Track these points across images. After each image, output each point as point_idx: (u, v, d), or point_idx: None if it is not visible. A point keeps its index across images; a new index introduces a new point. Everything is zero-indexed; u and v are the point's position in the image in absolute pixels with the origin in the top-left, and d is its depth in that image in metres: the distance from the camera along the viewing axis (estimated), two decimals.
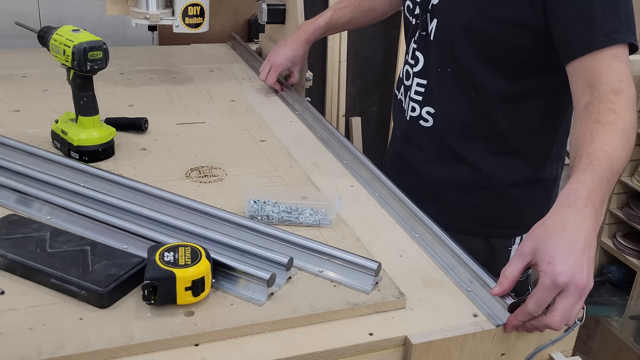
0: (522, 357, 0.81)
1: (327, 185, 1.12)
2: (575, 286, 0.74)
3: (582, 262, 0.76)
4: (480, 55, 1.11)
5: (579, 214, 0.79)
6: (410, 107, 1.25)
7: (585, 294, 0.76)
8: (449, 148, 1.20)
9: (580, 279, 0.75)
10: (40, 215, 0.92)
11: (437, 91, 1.19)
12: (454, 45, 1.13)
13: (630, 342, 2.22)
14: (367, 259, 0.83)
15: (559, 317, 0.75)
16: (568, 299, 0.75)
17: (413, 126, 1.25)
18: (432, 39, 1.17)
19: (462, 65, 1.13)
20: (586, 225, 0.78)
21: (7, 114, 1.31)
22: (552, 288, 0.75)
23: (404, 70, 1.28)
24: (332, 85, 2.37)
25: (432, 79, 1.19)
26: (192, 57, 1.85)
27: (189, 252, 0.77)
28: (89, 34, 1.08)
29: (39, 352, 0.67)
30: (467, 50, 1.11)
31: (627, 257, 2.21)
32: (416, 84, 1.22)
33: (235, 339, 0.73)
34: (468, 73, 1.13)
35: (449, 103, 1.18)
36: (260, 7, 1.67)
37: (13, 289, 0.78)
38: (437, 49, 1.16)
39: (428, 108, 1.21)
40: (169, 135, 1.27)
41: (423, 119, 1.22)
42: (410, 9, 1.23)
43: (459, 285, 0.86)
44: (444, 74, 1.16)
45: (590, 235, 0.78)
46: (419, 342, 0.74)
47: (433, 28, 1.16)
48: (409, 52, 1.25)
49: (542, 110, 1.15)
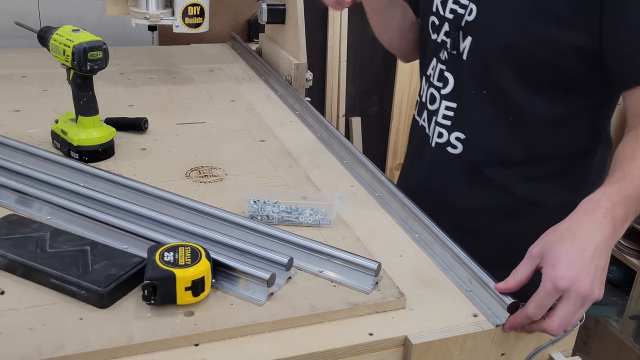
0: (522, 357, 0.81)
1: (327, 185, 1.12)
2: (576, 293, 0.73)
3: (588, 270, 0.74)
4: (519, 75, 1.03)
5: (595, 222, 0.78)
6: (436, 132, 1.15)
7: (588, 303, 0.75)
8: (482, 175, 1.12)
9: (583, 286, 0.73)
10: (40, 215, 0.92)
11: (469, 115, 1.10)
12: (490, 65, 1.04)
13: (630, 342, 2.22)
14: (367, 259, 0.83)
15: (557, 322, 0.74)
16: (568, 305, 0.74)
17: (439, 154, 1.15)
18: (466, 58, 1.07)
19: (500, 86, 1.05)
20: (600, 235, 0.77)
21: (7, 114, 1.31)
22: (553, 292, 0.74)
23: (427, 94, 1.18)
24: (332, 85, 2.37)
25: (464, 101, 1.10)
26: (192, 57, 1.84)
27: (189, 252, 0.77)
28: (89, 34, 1.08)
29: (39, 352, 0.67)
30: (506, 71, 1.03)
31: (627, 257, 2.21)
32: (445, 107, 1.12)
33: (235, 339, 0.73)
34: (506, 95, 1.05)
35: (483, 128, 1.09)
36: (260, 7, 1.67)
37: (13, 289, 0.78)
38: (471, 70, 1.07)
39: (458, 134, 1.12)
40: (169, 135, 1.27)
41: (451, 146, 1.13)
42: (435, 26, 1.13)
43: (458, 286, 0.86)
44: (479, 96, 1.08)
45: (602, 246, 0.76)
46: (419, 342, 0.74)
47: (467, 47, 1.06)
48: (434, 74, 1.15)
49: (582, 132, 1.09)
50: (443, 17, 1.10)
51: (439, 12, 1.11)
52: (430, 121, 1.18)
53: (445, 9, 1.10)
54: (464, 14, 1.06)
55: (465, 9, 1.06)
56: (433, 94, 1.16)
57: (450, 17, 1.09)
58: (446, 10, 1.09)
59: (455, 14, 1.07)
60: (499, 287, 0.80)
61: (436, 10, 1.12)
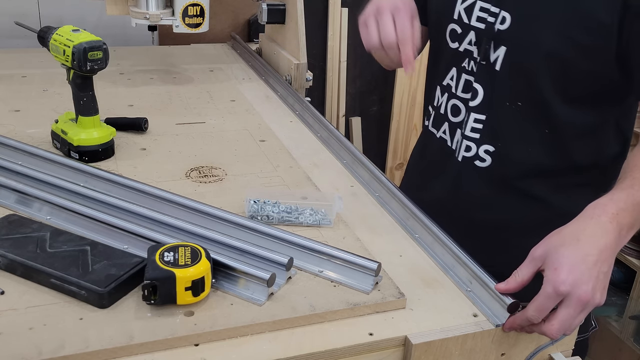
0: (522, 357, 0.81)
1: (327, 185, 1.12)
2: (577, 298, 0.73)
3: (590, 275, 0.74)
4: (558, 86, 0.99)
5: (600, 227, 0.77)
6: (464, 146, 1.10)
7: (589, 309, 0.75)
8: (512, 187, 1.09)
9: (584, 291, 0.73)
10: (40, 215, 0.92)
11: (501, 127, 1.06)
12: (529, 75, 1.00)
13: (630, 342, 2.22)
14: (367, 259, 0.83)
15: (557, 326, 0.74)
16: (569, 310, 0.74)
17: (466, 168, 1.10)
18: (499, 69, 1.03)
19: (537, 97, 1.01)
20: (604, 240, 0.77)
21: (7, 114, 1.31)
22: (554, 295, 0.74)
23: (448, 105, 1.13)
24: (332, 85, 2.37)
25: (495, 114, 1.06)
26: (192, 57, 1.84)
27: (189, 252, 0.77)
28: (89, 34, 1.08)
29: (39, 352, 0.67)
30: (545, 81, 0.99)
31: (627, 257, 2.21)
32: (473, 119, 1.07)
33: (235, 339, 0.73)
34: (543, 106, 1.01)
35: (515, 140, 1.05)
36: (260, 7, 1.67)
37: (13, 289, 0.78)
38: (506, 81, 1.03)
39: (487, 146, 1.08)
40: (169, 135, 1.27)
41: (479, 159, 1.09)
42: (457, 35, 1.08)
43: (458, 285, 0.86)
44: (512, 108, 1.04)
45: (606, 252, 0.76)
46: (419, 342, 0.74)
47: (500, 57, 1.02)
48: (457, 84, 1.10)
49: (612, 138, 1.07)
50: (467, 25, 1.05)
51: (461, 20, 1.07)
52: (454, 134, 1.13)
53: (470, 17, 1.05)
54: (494, 22, 1.01)
55: (496, 17, 1.01)
56: (457, 106, 1.11)
57: (478, 26, 1.04)
58: (472, 18, 1.05)
59: (485, 23, 1.03)
60: (499, 287, 0.79)
61: (458, 18, 1.07)
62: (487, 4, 1.03)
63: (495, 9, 1.01)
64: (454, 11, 1.07)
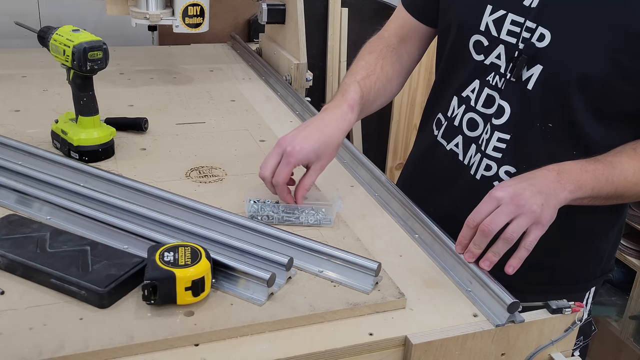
0: (522, 357, 0.81)
1: (327, 185, 1.12)
2: (510, 199, 0.81)
3: (525, 189, 0.82)
4: (594, 106, 0.95)
5: (544, 172, 0.87)
6: (483, 165, 1.04)
7: (526, 217, 0.81)
8: None
9: (519, 197, 0.81)
10: (40, 215, 0.92)
11: (527, 148, 1.01)
12: (564, 96, 0.95)
13: (630, 342, 2.22)
14: (367, 259, 0.83)
15: (488, 219, 0.82)
16: (502, 208, 0.82)
17: (483, 187, 0.96)
18: (531, 87, 0.97)
19: (569, 118, 0.97)
20: (548, 179, 0.86)
21: (7, 114, 1.31)
22: (488, 199, 0.83)
23: (464, 117, 1.07)
24: (332, 85, 2.37)
25: (521, 134, 1.00)
26: (192, 57, 1.84)
27: (189, 252, 0.77)
28: (89, 34, 1.08)
29: (39, 352, 0.67)
30: (580, 102, 0.95)
31: (627, 257, 2.21)
32: (497, 139, 1.02)
33: (235, 339, 0.73)
34: (575, 126, 0.97)
35: (542, 162, 0.94)
36: (260, 7, 1.67)
37: (13, 289, 0.78)
38: (539, 101, 0.97)
39: (508, 167, 1.02)
40: (169, 135, 1.27)
41: (498, 180, 1.03)
42: (482, 47, 1.02)
43: (458, 285, 0.86)
44: (542, 129, 0.99)
45: (545, 183, 0.85)
46: (419, 342, 0.74)
47: (535, 75, 0.96)
48: (478, 98, 1.04)
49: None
50: (497, 38, 1.00)
51: (489, 32, 1.01)
52: (467, 148, 1.08)
53: (500, 30, 0.99)
54: (529, 38, 0.95)
55: (532, 33, 0.95)
56: (475, 120, 1.06)
57: (509, 40, 0.98)
58: (502, 31, 0.99)
59: (517, 37, 0.97)
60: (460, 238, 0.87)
61: (485, 30, 1.01)
62: (521, 18, 0.97)
63: (532, 24, 0.95)
64: (480, 22, 1.01)
